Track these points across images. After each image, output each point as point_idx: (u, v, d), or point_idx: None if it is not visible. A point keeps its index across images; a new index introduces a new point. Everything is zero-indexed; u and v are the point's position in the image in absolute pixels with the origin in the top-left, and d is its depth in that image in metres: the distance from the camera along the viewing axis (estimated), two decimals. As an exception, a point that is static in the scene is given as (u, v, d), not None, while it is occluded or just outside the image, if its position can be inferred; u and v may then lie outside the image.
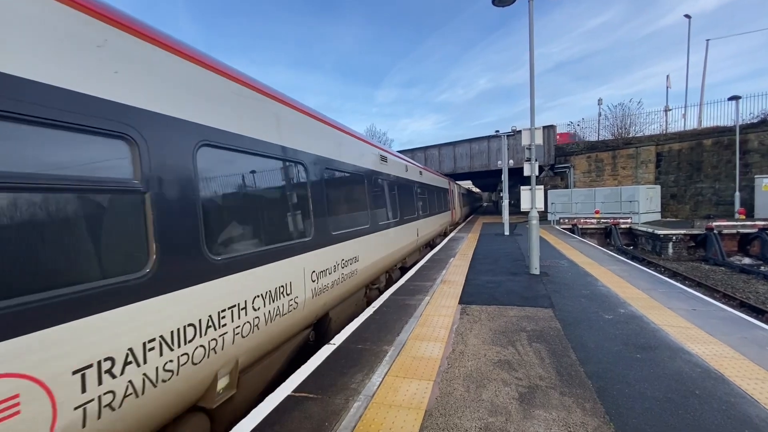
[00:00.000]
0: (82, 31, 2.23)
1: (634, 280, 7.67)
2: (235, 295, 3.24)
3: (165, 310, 2.58)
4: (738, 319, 5.29)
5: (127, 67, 2.48)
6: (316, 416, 3.13)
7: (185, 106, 2.93)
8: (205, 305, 2.92)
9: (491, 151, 31.87)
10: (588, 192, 25.52)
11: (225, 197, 3.46)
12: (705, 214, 23.04)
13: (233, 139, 3.42)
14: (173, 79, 2.88)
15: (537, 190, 8.87)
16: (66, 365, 2.00)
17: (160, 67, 2.76)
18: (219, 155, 3.29)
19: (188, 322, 2.75)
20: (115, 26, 2.44)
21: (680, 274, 14.14)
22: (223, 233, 3.31)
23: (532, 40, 8.35)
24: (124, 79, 2.45)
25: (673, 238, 17.94)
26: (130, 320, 2.33)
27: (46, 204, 2.03)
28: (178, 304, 2.69)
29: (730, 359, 3.99)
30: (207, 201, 3.11)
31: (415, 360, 4.18)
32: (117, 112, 2.37)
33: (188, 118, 2.94)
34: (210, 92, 3.25)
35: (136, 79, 2.54)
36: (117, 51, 2.44)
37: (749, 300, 10.73)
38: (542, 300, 6.41)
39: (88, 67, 2.23)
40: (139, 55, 2.60)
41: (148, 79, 2.64)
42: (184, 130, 2.89)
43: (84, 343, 2.08)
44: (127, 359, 2.29)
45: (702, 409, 3.07)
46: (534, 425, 2.92)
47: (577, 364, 3.95)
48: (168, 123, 2.74)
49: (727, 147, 23.02)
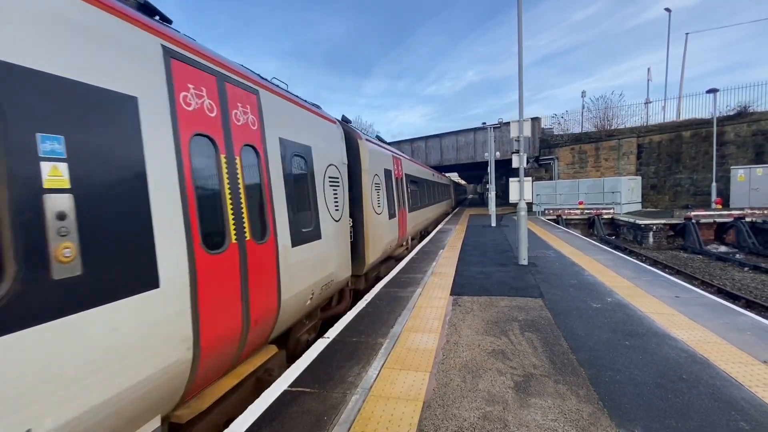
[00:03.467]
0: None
1: (619, 269, 7.86)
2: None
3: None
4: (719, 306, 5.48)
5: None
6: (315, 411, 3.11)
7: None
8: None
9: (477, 144, 32.05)
10: (572, 183, 25.95)
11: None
12: (683, 204, 23.72)
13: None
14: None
15: (525, 181, 8.96)
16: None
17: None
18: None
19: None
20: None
21: (660, 262, 14.57)
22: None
23: (520, 31, 8.36)
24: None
25: (653, 228, 18.44)
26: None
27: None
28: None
29: (714, 344, 4.13)
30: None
31: (411, 352, 4.20)
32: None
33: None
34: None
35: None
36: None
37: (726, 287, 11.14)
38: (532, 290, 6.51)
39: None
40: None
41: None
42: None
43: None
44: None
45: (690, 393, 3.18)
46: (531, 413, 2.97)
47: (569, 352, 4.03)
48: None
49: (705, 139, 23.68)
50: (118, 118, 2.34)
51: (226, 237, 3.21)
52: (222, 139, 3.26)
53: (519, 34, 8.39)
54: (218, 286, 3.06)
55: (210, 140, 3.14)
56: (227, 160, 3.30)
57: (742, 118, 23.08)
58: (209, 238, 3.02)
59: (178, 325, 2.66)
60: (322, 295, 5.28)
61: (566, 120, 31.83)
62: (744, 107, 23.38)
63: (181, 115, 2.83)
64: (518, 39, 8.41)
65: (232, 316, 3.22)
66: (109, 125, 2.27)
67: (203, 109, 3.08)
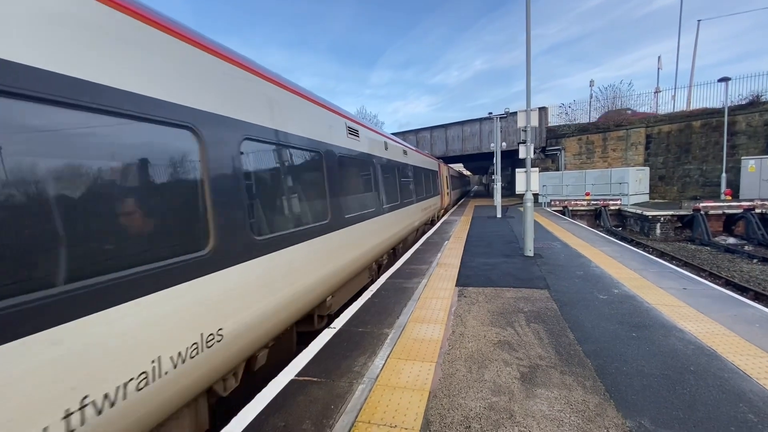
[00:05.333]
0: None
1: (625, 261, 7.81)
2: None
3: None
4: (727, 298, 5.43)
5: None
6: (321, 400, 3.15)
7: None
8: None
9: (483, 134, 31.74)
10: (579, 174, 25.74)
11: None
12: (692, 195, 23.47)
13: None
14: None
15: (532, 172, 8.88)
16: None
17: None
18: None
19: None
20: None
21: (667, 254, 14.46)
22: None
23: (528, 20, 8.21)
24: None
25: (661, 219, 18.28)
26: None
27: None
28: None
29: (722, 336, 4.11)
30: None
31: (416, 342, 4.21)
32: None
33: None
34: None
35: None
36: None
37: (734, 278, 11.05)
38: (538, 281, 6.49)
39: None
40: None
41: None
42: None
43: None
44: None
45: (698, 385, 3.16)
46: (537, 404, 2.97)
47: (575, 344, 4.03)
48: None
49: (716, 129, 23.29)
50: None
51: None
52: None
53: (527, 23, 8.24)
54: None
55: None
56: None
57: (755, 107, 22.65)
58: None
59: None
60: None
61: (573, 110, 31.42)
62: (756, 96, 22.94)
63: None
64: (526, 28, 8.25)
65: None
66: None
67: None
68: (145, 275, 2.35)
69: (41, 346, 1.79)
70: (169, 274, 2.51)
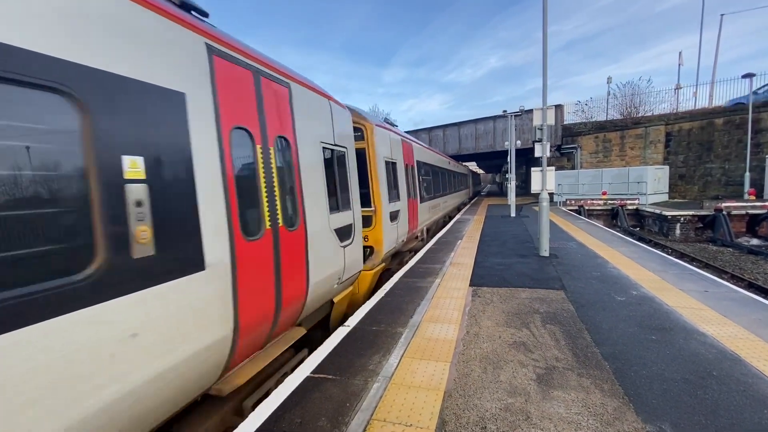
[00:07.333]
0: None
1: (644, 262, 7.65)
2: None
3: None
4: (751, 301, 5.28)
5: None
6: (336, 397, 3.18)
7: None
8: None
9: (497, 132, 31.39)
10: (595, 173, 25.23)
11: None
12: (713, 194, 22.78)
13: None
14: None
15: (548, 171, 8.75)
16: None
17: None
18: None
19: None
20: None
21: (688, 255, 14.10)
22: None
23: (545, 16, 8.08)
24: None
25: (680, 219, 17.80)
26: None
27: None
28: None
29: (746, 340, 3.99)
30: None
31: (431, 342, 4.21)
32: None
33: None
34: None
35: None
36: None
37: (758, 281, 10.70)
38: (553, 282, 6.41)
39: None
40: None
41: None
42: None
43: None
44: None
45: (720, 390, 3.09)
46: (554, 406, 2.95)
47: (592, 346, 3.97)
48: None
49: (739, 126, 22.55)
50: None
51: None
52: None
53: (544, 19, 8.11)
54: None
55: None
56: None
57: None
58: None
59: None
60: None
61: (590, 107, 30.83)
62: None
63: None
64: (543, 24, 8.13)
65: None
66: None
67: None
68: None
69: None
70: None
